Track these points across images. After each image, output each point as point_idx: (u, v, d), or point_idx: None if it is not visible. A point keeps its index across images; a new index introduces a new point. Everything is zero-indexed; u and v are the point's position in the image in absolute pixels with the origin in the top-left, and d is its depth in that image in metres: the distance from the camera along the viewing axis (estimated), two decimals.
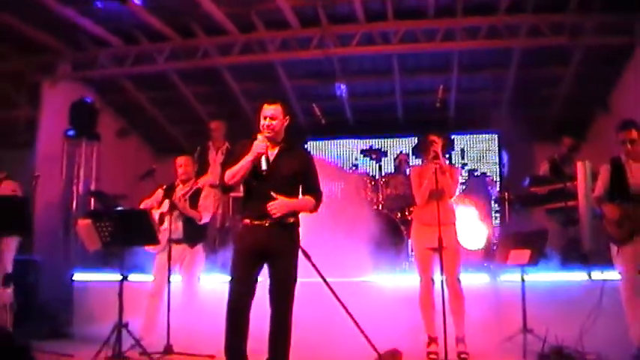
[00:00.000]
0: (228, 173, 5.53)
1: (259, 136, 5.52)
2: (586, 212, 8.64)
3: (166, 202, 7.89)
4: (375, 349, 5.73)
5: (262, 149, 5.48)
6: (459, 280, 7.09)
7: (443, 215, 6.95)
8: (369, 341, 5.71)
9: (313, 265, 5.67)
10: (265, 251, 5.49)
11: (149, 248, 7.76)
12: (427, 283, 7.10)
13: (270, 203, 5.42)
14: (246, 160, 5.47)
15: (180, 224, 7.84)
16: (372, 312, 5.99)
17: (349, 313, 5.73)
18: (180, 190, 8.05)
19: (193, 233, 7.95)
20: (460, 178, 7.67)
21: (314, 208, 5.72)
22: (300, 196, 5.65)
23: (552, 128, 12.57)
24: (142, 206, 8.03)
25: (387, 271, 8.57)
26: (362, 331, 5.74)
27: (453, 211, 7.37)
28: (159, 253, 7.83)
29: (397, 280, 8.42)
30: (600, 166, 7.25)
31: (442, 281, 6.88)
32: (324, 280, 5.75)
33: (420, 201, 7.30)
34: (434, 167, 6.99)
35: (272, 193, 5.43)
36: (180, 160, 8.17)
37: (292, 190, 5.60)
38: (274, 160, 5.56)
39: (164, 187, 8.14)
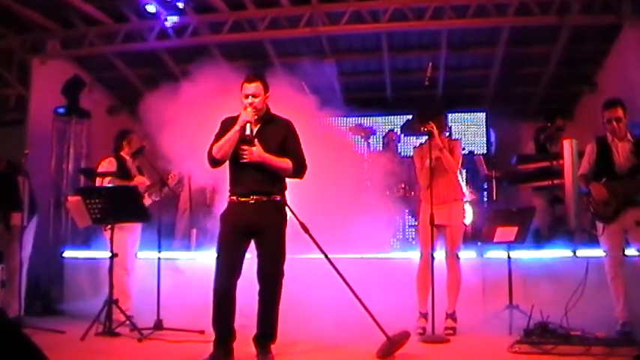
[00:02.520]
0: (216, 147, 5.56)
1: (248, 108, 5.56)
2: (572, 190, 8.73)
3: (140, 177, 7.95)
4: (384, 332, 5.69)
5: (249, 117, 5.52)
6: (458, 257, 7.19)
7: (449, 192, 7.11)
8: (377, 323, 5.70)
9: (313, 240, 5.67)
10: (252, 228, 5.54)
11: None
12: (427, 259, 7.12)
13: (245, 147, 5.49)
14: (233, 131, 5.52)
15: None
16: (361, 288, 5.99)
17: (354, 292, 5.72)
18: (132, 164, 8.11)
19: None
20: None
21: (294, 173, 5.72)
22: None
23: (540, 106, 12.66)
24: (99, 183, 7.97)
25: (376, 248, 8.63)
26: (369, 312, 5.72)
27: (459, 188, 7.42)
28: (114, 229, 7.59)
29: (386, 257, 8.50)
30: (587, 144, 7.32)
31: (432, 258, 6.94)
32: (327, 257, 5.74)
33: (422, 183, 7.39)
34: (429, 146, 7.06)
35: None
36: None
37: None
38: (260, 133, 5.61)
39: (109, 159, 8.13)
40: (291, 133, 5.78)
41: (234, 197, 5.62)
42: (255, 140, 5.53)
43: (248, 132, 5.49)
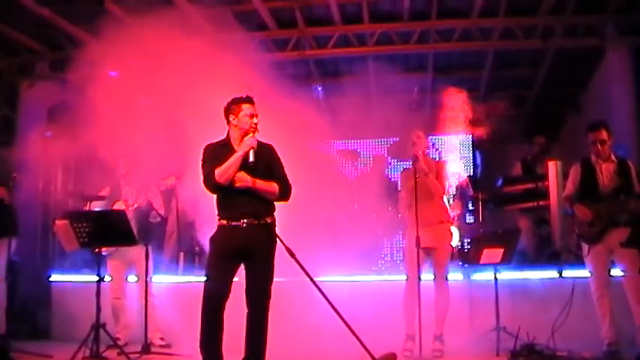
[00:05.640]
0: (219, 172, 5.52)
1: (250, 134, 5.61)
2: (557, 211, 8.79)
3: (120, 203, 7.98)
4: (370, 354, 5.66)
5: (254, 143, 5.58)
6: (446, 279, 7.21)
7: (435, 215, 7.09)
8: (362, 345, 5.64)
9: (299, 264, 5.67)
10: (242, 251, 5.53)
11: (105, 250, 7.70)
12: (413, 281, 7.13)
13: (238, 174, 5.52)
14: (236, 156, 5.54)
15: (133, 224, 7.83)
16: (349, 310, 5.99)
17: (339, 314, 5.67)
18: (128, 192, 8.11)
19: (147, 233, 7.98)
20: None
21: (280, 196, 5.73)
22: None
23: (525, 129, 12.75)
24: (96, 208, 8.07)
25: (364, 271, 8.65)
26: (354, 334, 5.66)
27: (445, 210, 7.42)
28: (112, 254, 7.89)
29: (374, 279, 8.52)
30: (571, 166, 7.38)
31: (419, 279, 6.96)
32: (312, 280, 5.71)
33: (403, 207, 7.46)
34: (414, 170, 7.09)
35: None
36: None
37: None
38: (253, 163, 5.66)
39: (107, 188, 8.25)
40: (274, 157, 5.83)
41: (225, 221, 5.61)
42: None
43: (252, 159, 5.56)
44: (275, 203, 5.78)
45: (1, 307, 7.67)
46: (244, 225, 5.53)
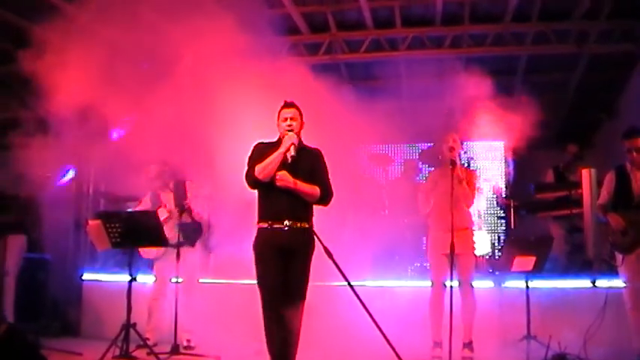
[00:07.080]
0: (259, 168, 5.56)
1: (290, 132, 5.68)
2: (590, 219, 8.69)
3: (162, 209, 8.05)
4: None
5: (294, 139, 5.63)
6: (471, 286, 7.16)
7: (459, 221, 6.99)
8: (396, 354, 5.54)
9: (336, 265, 5.62)
10: (284, 253, 5.53)
11: (148, 253, 7.91)
12: (439, 287, 7.13)
13: (280, 172, 5.54)
14: (278, 153, 5.58)
15: (176, 227, 7.86)
16: (376, 315, 5.95)
17: (374, 320, 5.60)
18: (164, 197, 8.22)
19: (192, 234, 8.02)
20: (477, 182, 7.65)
21: (320, 200, 5.73)
22: None
23: (558, 135, 12.65)
24: None
25: (393, 276, 8.63)
26: (388, 341, 5.57)
27: (469, 217, 7.40)
28: (159, 256, 8.02)
29: (403, 285, 8.49)
30: (605, 172, 7.30)
31: (450, 286, 6.90)
32: (349, 283, 5.68)
33: (424, 208, 7.47)
34: (451, 175, 7.03)
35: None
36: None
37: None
38: (293, 160, 5.64)
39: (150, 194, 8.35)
40: (320, 161, 5.85)
41: (265, 223, 5.60)
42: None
43: (293, 153, 5.59)
44: (313, 207, 5.80)
45: (10, 301, 7.92)
46: (286, 228, 5.53)
